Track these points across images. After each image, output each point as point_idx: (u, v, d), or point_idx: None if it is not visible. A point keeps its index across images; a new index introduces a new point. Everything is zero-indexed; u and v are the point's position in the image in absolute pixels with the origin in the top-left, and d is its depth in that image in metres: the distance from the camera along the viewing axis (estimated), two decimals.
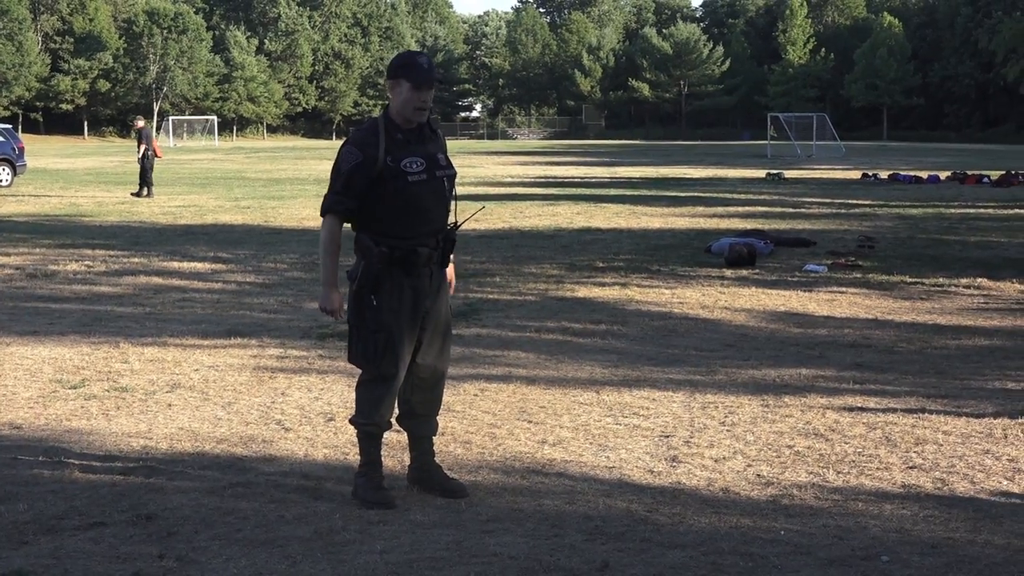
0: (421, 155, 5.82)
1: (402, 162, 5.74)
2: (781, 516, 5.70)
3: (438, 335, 6.05)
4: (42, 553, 5.18)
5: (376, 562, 5.07)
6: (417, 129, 5.88)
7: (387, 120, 5.84)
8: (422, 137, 5.89)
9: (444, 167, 5.95)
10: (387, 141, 5.76)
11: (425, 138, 5.90)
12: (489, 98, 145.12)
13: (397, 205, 5.76)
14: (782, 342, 10.29)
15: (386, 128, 5.81)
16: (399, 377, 5.92)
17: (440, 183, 5.89)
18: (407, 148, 5.79)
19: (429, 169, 5.83)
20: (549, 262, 15.98)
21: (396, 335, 5.80)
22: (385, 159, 5.73)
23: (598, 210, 25.21)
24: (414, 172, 5.76)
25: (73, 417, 7.60)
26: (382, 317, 5.79)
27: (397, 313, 5.80)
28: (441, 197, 5.91)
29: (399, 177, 5.72)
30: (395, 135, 5.79)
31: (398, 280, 5.80)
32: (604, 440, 7.09)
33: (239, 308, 12.11)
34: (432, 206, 5.86)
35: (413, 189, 5.75)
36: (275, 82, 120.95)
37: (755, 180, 38.46)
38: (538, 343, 10.19)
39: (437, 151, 5.94)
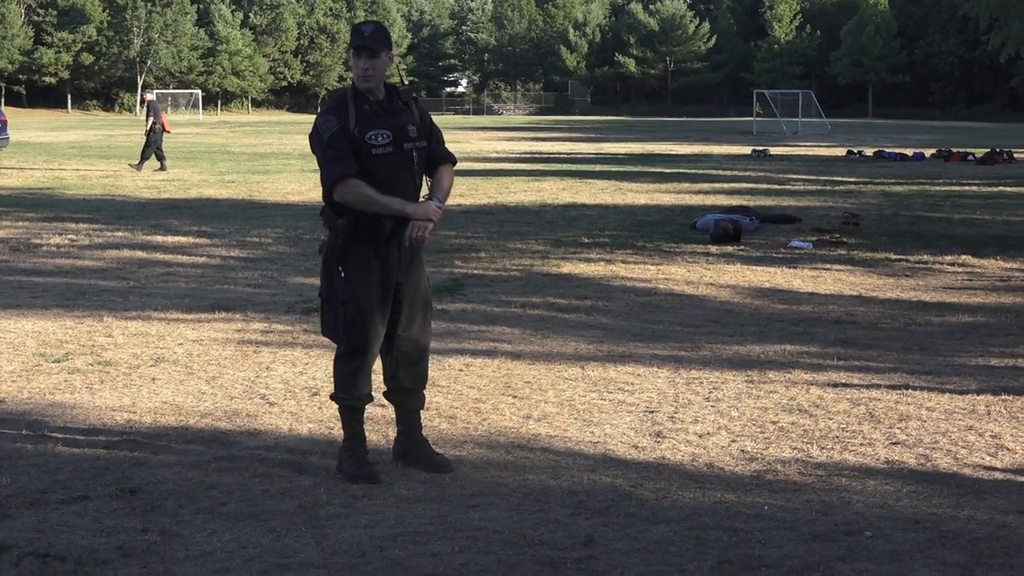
0: (388, 127, 5.80)
1: (367, 134, 5.74)
2: (765, 491, 5.72)
3: (417, 308, 6.04)
4: (25, 527, 5.17)
5: (360, 536, 5.07)
6: (386, 101, 5.87)
7: (355, 91, 5.85)
8: (392, 109, 5.87)
9: (414, 139, 5.89)
10: (355, 112, 5.78)
11: (395, 110, 5.88)
12: (475, 73, 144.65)
13: (362, 177, 5.73)
14: (767, 318, 10.31)
15: (354, 99, 5.82)
16: (372, 349, 5.91)
17: (408, 155, 5.86)
18: (374, 120, 5.79)
19: (396, 141, 5.80)
20: (534, 238, 15.97)
21: (365, 306, 5.80)
22: (353, 130, 5.74)
23: (584, 186, 25.18)
24: (379, 144, 5.76)
25: (56, 391, 7.58)
26: (350, 288, 5.80)
27: (365, 285, 5.80)
28: (408, 170, 5.88)
29: (363, 150, 5.74)
30: (362, 106, 5.80)
31: (365, 252, 5.81)
32: (589, 415, 7.10)
33: (223, 282, 12.08)
34: (398, 179, 5.83)
35: (376, 162, 5.75)
36: (260, 56, 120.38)
37: (741, 157, 38.46)
38: (523, 318, 10.19)
39: (408, 123, 5.89)
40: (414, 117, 5.94)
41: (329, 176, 5.79)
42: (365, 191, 5.70)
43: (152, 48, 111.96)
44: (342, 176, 5.73)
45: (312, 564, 4.77)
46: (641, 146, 46.15)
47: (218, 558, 4.83)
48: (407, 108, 5.94)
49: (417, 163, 5.92)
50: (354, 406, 6.00)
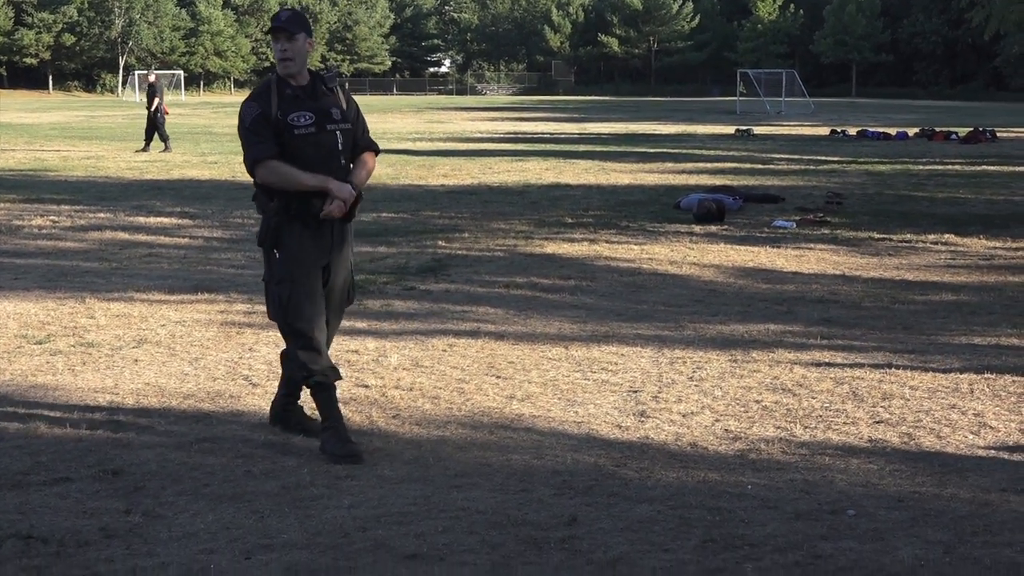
0: (310, 109, 5.96)
1: (289, 116, 5.90)
2: (748, 471, 5.73)
3: (339, 285, 6.19)
4: (7, 508, 5.15)
5: (344, 517, 5.07)
6: (309, 86, 6.05)
7: (278, 78, 6.03)
8: (315, 93, 6.04)
9: (338, 121, 6.05)
10: (278, 97, 5.95)
11: (318, 94, 6.05)
12: (458, 53, 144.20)
13: (286, 158, 5.89)
14: (750, 297, 10.32)
15: (278, 85, 6.00)
16: (315, 324, 5.99)
17: (332, 136, 6.02)
18: (296, 103, 5.95)
19: (319, 123, 5.97)
20: (518, 218, 15.95)
21: (301, 284, 5.94)
22: (276, 114, 5.91)
23: (567, 166, 25.16)
24: (301, 126, 5.92)
25: (39, 372, 7.55)
26: (285, 269, 5.95)
27: (299, 264, 5.94)
28: (332, 150, 6.02)
29: (286, 131, 5.90)
30: (285, 91, 5.98)
31: (298, 232, 5.94)
32: (572, 395, 7.10)
33: (206, 263, 12.04)
34: (322, 159, 5.96)
35: (299, 142, 5.90)
36: (242, 36, 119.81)
37: (724, 136, 38.46)
38: (507, 299, 10.18)
39: (331, 106, 6.06)
40: (338, 101, 6.12)
41: (249, 159, 5.97)
42: (284, 169, 5.88)
43: (133, 29, 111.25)
44: (261, 157, 5.91)
45: (295, 545, 4.76)
46: (625, 126, 46.11)
47: (201, 539, 4.82)
48: (331, 92, 6.12)
49: (342, 144, 6.07)
50: (322, 383, 6.04)
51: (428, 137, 37.38)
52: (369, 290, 10.47)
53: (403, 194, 19.30)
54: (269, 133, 5.90)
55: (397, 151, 30.05)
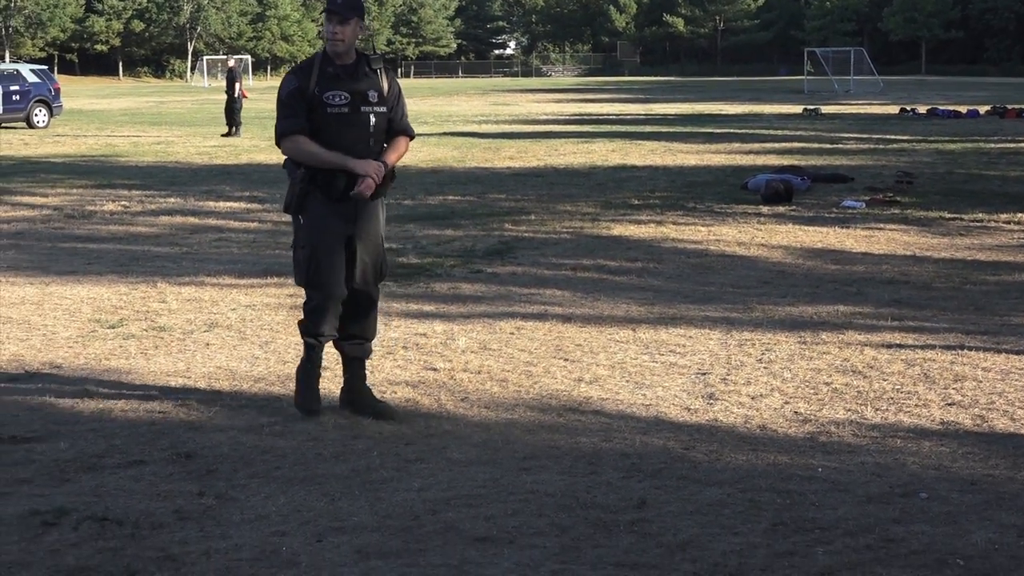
0: (348, 90, 6.16)
1: (325, 94, 6.12)
2: (819, 453, 5.69)
3: (369, 262, 6.33)
4: (83, 491, 5.23)
5: (414, 499, 5.10)
6: (353, 66, 6.24)
7: (323, 55, 6.25)
8: (356, 74, 6.22)
9: (373, 104, 6.22)
10: (319, 74, 6.16)
11: (359, 75, 6.23)
12: (523, 35, 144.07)
13: (317, 133, 6.12)
14: (819, 279, 10.23)
15: (321, 62, 6.21)
16: (331, 291, 6.23)
17: (365, 118, 6.20)
18: (335, 82, 6.16)
19: (353, 103, 6.16)
20: (584, 200, 15.92)
21: (321, 249, 6.17)
22: (314, 90, 6.13)
23: (633, 147, 25.07)
24: (335, 104, 6.13)
25: (112, 356, 7.65)
26: (308, 234, 6.20)
27: (321, 231, 6.17)
28: (363, 131, 6.20)
29: (320, 107, 6.12)
30: (327, 69, 6.19)
31: (321, 201, 6.17)
32: (640, 378, 7.09)
33: (275, 247, 12.13)
34: (351, 138, 6.16)
35: (331, 120, 6.12)
36: (308, 20, 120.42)
37: (792, 116, 38.14)
38: (573, 281, 10.17)
39: (370, 88, 6.22)
40: (378, 84, 6.27)
41: (279, 130, 6.20)
42: (308, 146, 6.12)
43: (202, 14, 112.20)
44: (288, 131, 6.16)
45: (366, 527, 4.79)
46: (691, 106, 45.85)
47: (273, 521, 4.87)
48: (374, 74, 6.28)
49: (374, 126, 6.24)
50: (311, 343, 6.35)
51: (493, 119, 37.39)
52: (436, 273, 10.52)
53: (469, 177, 19.34)
54: (302, 108, 6.13)
55: (463, 134, 30.12)
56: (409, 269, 10.72)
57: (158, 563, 4.45)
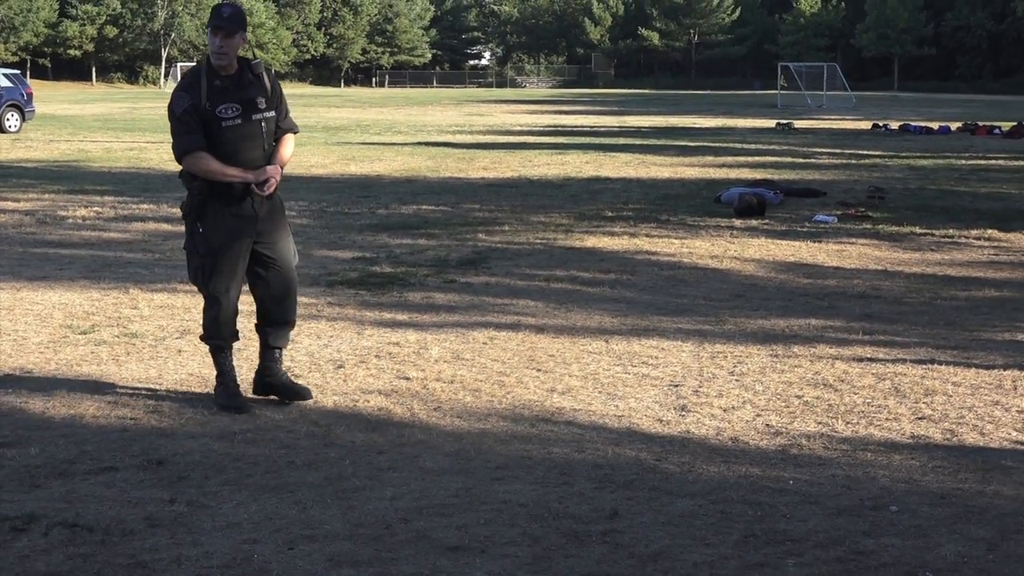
0: (237, 100, 6.39)
1: (217, 108, 6.34)
2: (790, 466, 5.72)
3: (280, 251, 6.65)
4: (54, 497, 5.20)
5: (386, 508, 5.09)
6: (236, 75, 6.46)
7: (208, 67, 6.44)
8: (241, 83, 6.45)
9: (263, 110, 6.48)
10: (207, 87, 6.37)
11: (244, 83, 6.46)
12: (498, 46, 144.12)
13: (214, 147, 6.34)
14: (791, 292, 10.28)
15: (207, 74, 6.41)
16: (229, 296, 6.61)
17: (256, 126, 6.45)
18: (224, 94, 6.37)
19: (245, 114, 6.41)
20: (558, 211, 15.95)
21: (221, 258, 6.47)
22: (205, 104, 6.34)
23: (607, 159, 25.13)
24: (228, 117, 6.36)
25: (83, 362, 7.62)
26: (207, 243, 6.47)
27: (220, 239, 6.45)
28: (256, 139, 6.46)
29: (214, 122, 6.34)
30: (214, 82, 6.40)
31: (220, 209, 6.44)
32: (613, 389, 7.10)
33: None
34: (246, 148, 6.42)
35: (227, 134, 6.36)
36: (283, 28, 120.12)
37: (765, 130, 38.31)
38: (547, 292, 10.19)
39: (257, 95, 6.47)
40: (264, 89, 6.52)
41: (178, 149, 6.43)
42: (209, 164, 6.36)
43: (176, 21, 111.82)
44: (189, 149, 6.38)
45: (338, 536, 4.79)
46: (665, 119, 46.01)
47: (244, 529, 4.86)
48: (258, 80, 6.52)
49: (265, 132, 6.51)
50: (219, 346, 6.68)
51: (468, 130, 37.41)
52: (410, 283, 10.51)
53: (443, 187, 19.34)
54: (197, 124, 6.34)
55: (437, 144, 30.12)
56: (382, 278, 10.71)
57: (129, 570, 4.44)
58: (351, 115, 49.50)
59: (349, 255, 12.10)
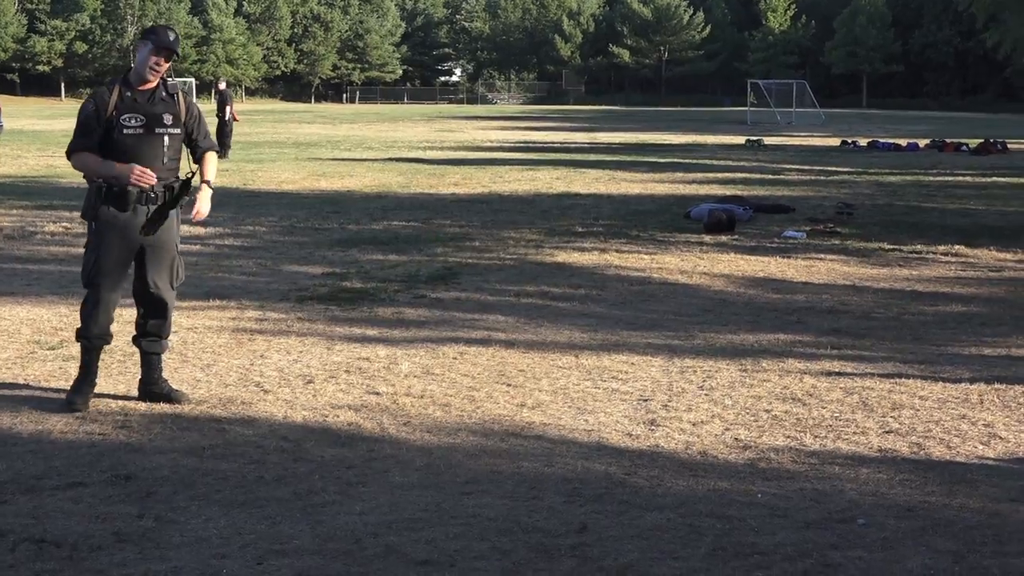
0: (143, 113, 6.76)
1: (122, 117, 6.73)
2: (758, 479, 5.74)
3: (162, 268, 6.98)
4: (21, 512, 5.17)
5: (355, 523, 5.09)
6: (150, 91, 6.83)
7: (124, 80, 6.86)
8: (153, 99, 6.82)
9: (168, 126, 6.84)
10: (118, 98, 6.78)
11: (156, 100, 6.83)
12: (469, 62, 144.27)
13: (113, 151, 6.75)
14: (760, 307, 10.33)
15: (120, 87, 6.82)
16: (105, 293, 6.90)
17: (158, 139, 6.82)
18: (132, 106, 6.76)
19: (148, 126, 6.78)
20: (528, 227, 15.98)
21: (104, 255, 6.83)
22: (112, 113, 6.74)
23: (578, 175, 25.19)
24: (130, 127, 6.74)
25: (51, 378, 7.59)
26: (96, 240, 6.87)
27: (107, 239, 6.82)
28: (156, 151, 6.81)
29: (116, 129, 6.73)
30: (126, 94, 6.80)
31: (112, 212, 6.81)
32: (583, 403, 7.12)
33: (218, 270, 12.08)
34: (143, 157, 6.76)
35: (127, 140, 6.74)
36: (254, 44, 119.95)
37: (735, 146, 38.47)
38: (517, 307, 10.20)
39: (165, 112, 6.83)
40: (174, 108, 6.89)
41: (69, 148, 6.90)
42: (87, 160, 6.81)
43: None
44: (76, 149, 6.87)
45: (307, 551, 4.78)
46: (635, 136, 46.16)
47: (213, 544, 4.84)
48: (171, 99, 6.90)
49: (167, 147, 6.86)
50: (86, 346, 6.96)
51: (439, 146, 37.43)
52: (380, 298, 10.51)
53: (414, 202, 19.35)
54: (92, 130, 6.77)
55: (408, 160, 30.13)
56: (352, 293, 10.70)
57: None
58: (322, 131, 49.44)
59: (319, 270, 12.08)
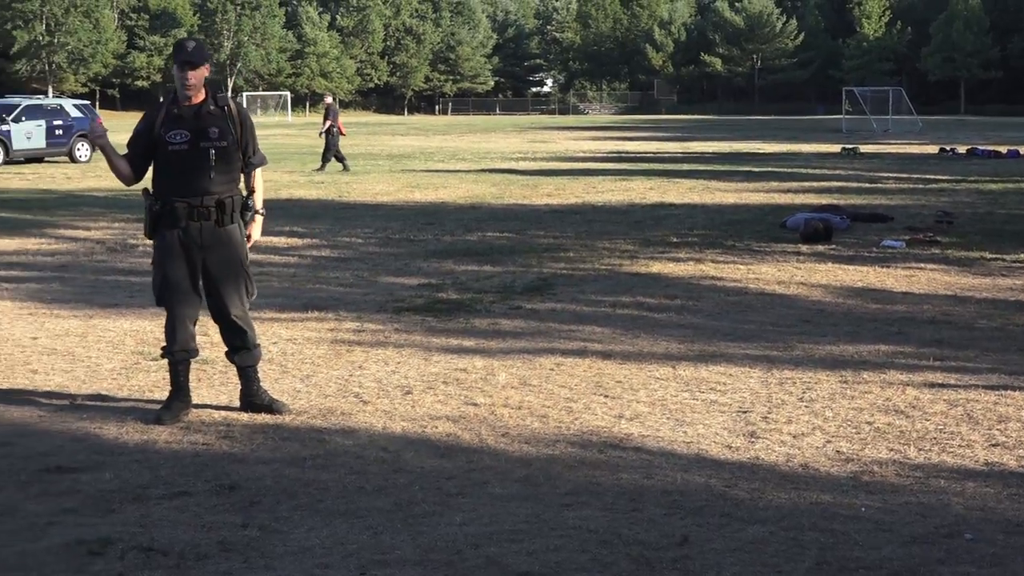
0: (189, 128, 6.85)
1: (168, 134, 6.85)
2: (862, 493, 5.67)
3: (228, 283, 7.03)
4: (129, 521, 5.27)
5: (456, 534, 5.11)
6: (198, 105, 6.92)
7: (173, 97, 7.00)
8: (200, 114, 6.90)
9: (214, 139, 6.89)
10: (165, 115, 6.92)
11: (203, 114, 6.91)
12: (560, 73, 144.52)
13: (160, 168, 6.95)
14: (860, 318, 10.20)
15: (168, 104, 6.99)
16: (178, 309, 7.01)
17: (204, 153, 6.86)
18: (179, 122, 6.87)
19: (193, 141, 6.85)
20: (623, 237, 15.94)
21: (168, 271, 6.95)
22: (159, 130, 6.88)
23: (671, 185, 25.08)
24: (175, 143, 6.85)
25: (155, 388, 7.71)
26: (158, 257, 7.04)
27: (169, 256, 6.94)
28: (202, 165, 6.86)
29: (162, 146, 6.87)
30: (172, 110, 6.93)
31: (169, 230, 6.93)
32: (681, 415, 7.08)
33: (315, 282, 12.21)
34: (190, 173, 6.86)
35: (171, 157, 6.86)
36: (347, 57, 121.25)
37: (830, 155, 38.07)
38: (613, 318, 10.18)
39: (212, 125, 6.89)
40: (221, 120, 6.95)
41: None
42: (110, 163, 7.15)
43: (242, 51, 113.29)
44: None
45: (409, 561, 4.80)
46: (728, 145, 45.87)
47: (316, 554, 4.89)
48: (220, 111, 6.98)
49: (214, 160, 6.88)
50: (169, 359, 7.07)
51: (531, 157, 37.50)
52: (476, 309, 10.54)
53: (508, 213, 19.40)
54: (137, 143, 7.00)
55: (501, 171, 30.21)
56: (448, 304, 10.75)
57: None
58: (415, 143, 49.79)
59: (415, 282, 12.16)
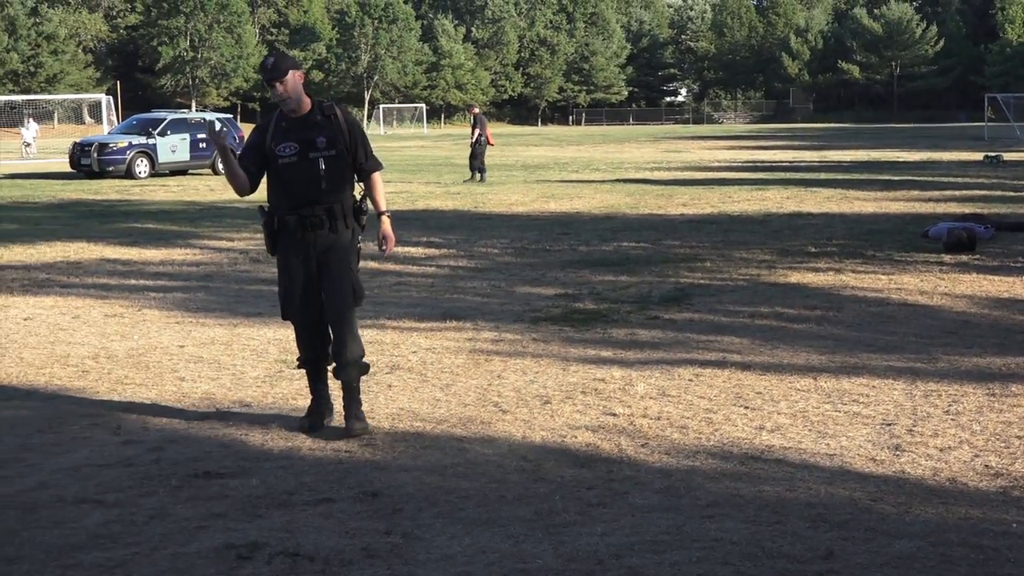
0: (297, 140, 6.88)
1: (277, 147, 6.89)
2: (1013, 508, 5.53)
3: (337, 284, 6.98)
4: (275, 526, 5.37)
5: (597, 544, 5.10)
6: (304, 116, 6.95)
7: (280, 111, 7.02)
8: (306, 124, 6.92)
9: (322, 149, 6.89)
10: (274, 128, 6.97)
11: (310, 124, 6.93)
12: (694, 82, 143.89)
13: (272, 181, 7.02)
14: (1007, 329, 9.95)
15: (277, 117, 7.02)
16: (303, 319, 7.07)
17: (313, 164, 6.87)
18: (286, 135, 6.90)
19: (301, 152, 6.87)
20: (760, 247, 15.78)
21: (289, 283, 7.01)
22: (269, 144, 6.92)
23: (808, 194, 24.76)
24: (285, 156, 6.88)
25: (298, 396, 7.84)
26: (280, 270, 7.10)
27: (288, 266, 7.00)
28: (312, 176, 6.87)
29: (274, 159, 6.91)
30: (281, 123, 6.97)
31: (285, 243, 6.98)
32: (823, 427, 6.98)
33: (453, 292, 12.30)
34: (299, 184, 6.88)
35: (282, 170, 6.91)
36: (482, 69, 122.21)
37: (972, 163, 37.23)
38: (751, 328, 10.08)
39: (318, 136, 6.90)
40: (328, 129, 6.94)
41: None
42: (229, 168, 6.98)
43: (379, 64, 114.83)
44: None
45: (551, 570, 4.82)
46: (867, 153, 45.14)
47: (459, 562, 4.93)
48: (326, 120, 6.96)
49: (324, 170, 6.89)
50: (303, 368, 7.23)
51: (666, 166, 37.36)
52: (613, 319, 10.53)
53: (643, 223, 19.34)
54: (250, 158, 6.98)
55: (635, 180, 30.15)
56: (586, 315, 10.76)
57: None
58: (549, 153, 49.93)
59: (552, 292, 12.19)
